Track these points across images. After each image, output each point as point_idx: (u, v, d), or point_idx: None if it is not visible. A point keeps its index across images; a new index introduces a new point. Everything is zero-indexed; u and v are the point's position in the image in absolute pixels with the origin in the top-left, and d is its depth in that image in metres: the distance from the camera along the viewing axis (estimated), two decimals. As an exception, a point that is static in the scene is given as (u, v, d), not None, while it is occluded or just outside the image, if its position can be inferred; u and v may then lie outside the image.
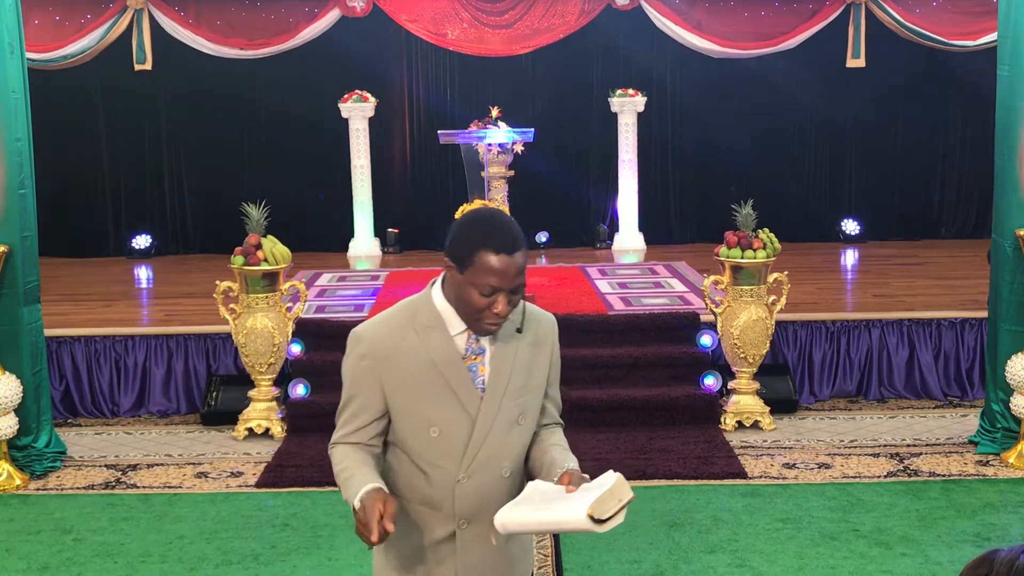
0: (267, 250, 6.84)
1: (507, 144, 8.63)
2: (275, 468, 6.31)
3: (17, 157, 6.17)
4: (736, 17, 10.64)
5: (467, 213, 2.63)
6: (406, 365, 2.58)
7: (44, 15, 10.25)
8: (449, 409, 2.57)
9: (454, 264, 2.51)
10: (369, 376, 2.60)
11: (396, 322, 2.62)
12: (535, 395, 2.68)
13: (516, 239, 2.49)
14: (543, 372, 2.70)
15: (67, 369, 7.47)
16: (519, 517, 2.43)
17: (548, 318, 2.75)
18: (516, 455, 2.65)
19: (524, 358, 2.64)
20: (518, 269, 2.48)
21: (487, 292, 2.47)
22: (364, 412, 2.63)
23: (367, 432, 2.65)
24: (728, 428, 6.88)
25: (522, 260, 2.49)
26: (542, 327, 2.71)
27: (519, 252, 2.48)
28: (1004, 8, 6.29)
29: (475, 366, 2.60)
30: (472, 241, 2.49)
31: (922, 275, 9.25)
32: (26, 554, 5.21)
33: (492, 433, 2.59)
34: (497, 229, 2.50)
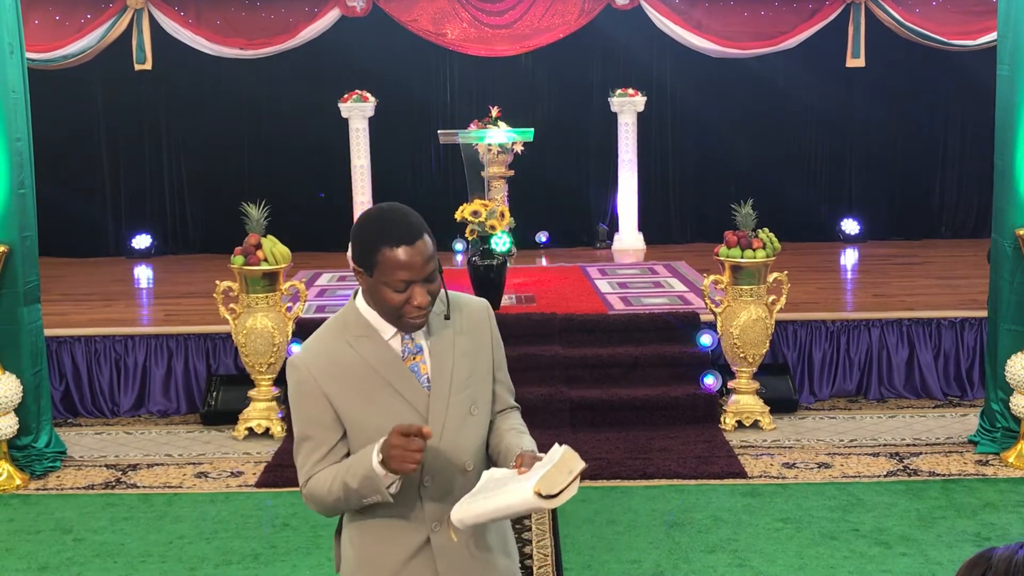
0: (267, 250, 6.84)
1: (507, 144, 8.63)
2: (275, 468, 6.32)
3: (17, 157, 6.17)
4: (736, 17, 10.64)
5: (361, 215, 2.55)
6: (347, 378, 2.53)
7: (44, 15, 10.25)
8: (398, 413, 2.51)
9: (362, 269, 2.47)
10: (314, 398, 2.52)
11: (328, 339, 2.58)
12: (483, 383, 2.63)
13: (413, 228, 2.44)
14: (487, 358, 2.65)
15: (67, 369, 7.47)
16: (472, 509, 2.39)
17: (479, 302, 2.70)
18: (475, 447, 2.60)
19: (463, 347, 2.60)
20: (425, 257, 2.42)
21: (400, 288, 2.44)
22: (325, 439, 2.54)
23: (335, 455, 2.55)
24: (728, 428, 6.88)
25: (426, 248, 2.43)
26: (474, 312, 2.66)
27: (420, 240, 2.43)
28: (1004, 8, 6.29)
29: (416, 365, 2.56)
30: (371, 242, 2.44)
31: (922, 275, 9.25)
32: (26, 554, 5.21)
33: (446, 429, 2.54)
34: (392, 223, 2.45)
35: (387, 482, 2.42)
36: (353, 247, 2.50)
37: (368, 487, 2.44)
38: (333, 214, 10.81)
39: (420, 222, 2.48)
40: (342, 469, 2.50)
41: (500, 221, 7.55)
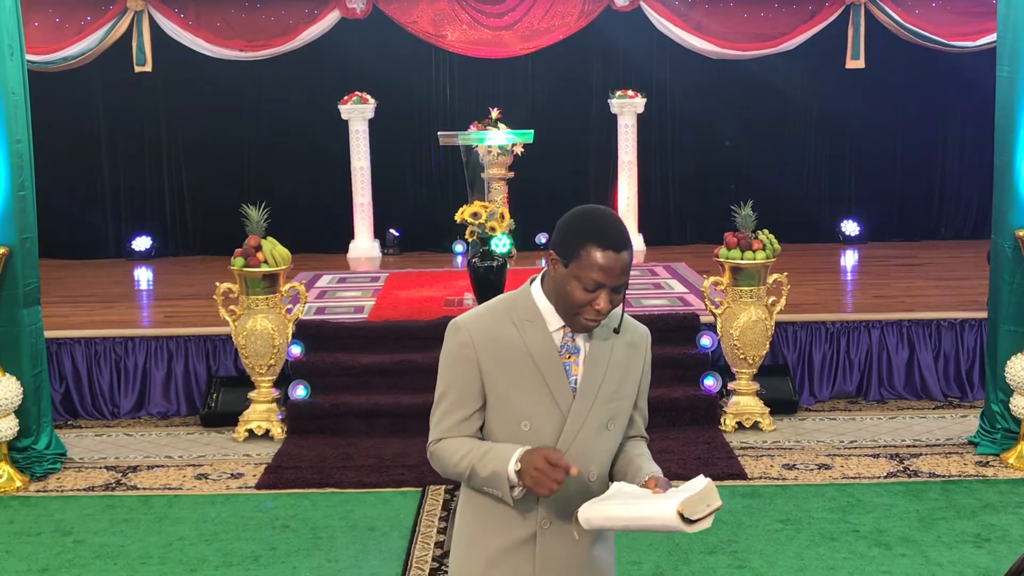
0: (267, 251, 6.84)
1: (507, 145, 8.63)
2: (275, 470, 6.31)
3: (17, 159, 6.17)
4: (736, 18, 10.65)
5: (577, 208, 2.60)
6: (504, 354, 2.56)
7: (44, 17, 10.25)
8: (542, 404, 2.55)
9: (559, 257, 2.51)
10: (468, 363, 2.57)
11: (495, 313, 2.62)
12: (626, 401, 2.67)
13: (624, 237, 2.49)
14: (635, 379, 2.69)
15: (67, 371, 7.47)
16: (605, 511, 2.41)
17: (644, 329, 2.73)
18: (603, 460, 2.64)
19: (618, 363, 2.63)
20: (623, 267, 2.47)
21: (590, 287, 2.46)
22: (463, 404, 2.59)
23: (470, 425, 2.59)
24: (728, 429, 6.88)
25: (628, 259, 2.48)
26: (639, 335, 2.70)
27: (626, 251, 2.48)
28: (1003, 8, 6.30)
29: (568, 365, 2.58)
30: (580, 235, 2.49)
31: (922, 276, 9.25)
32: (26, 556, 5.21)
33: (582, 434, 2.57)
34: (606, 226, 2.50)
35: (514, 491, 2.47)
36: (560, 234, 2.55)
37: (494, 483, 2.50)
38: (333, 216, 10.82)
39: (628, 236, 2.53)
40: (478, 452, 2.53)
41: (500, 222, 7.56)
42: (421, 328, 7.45)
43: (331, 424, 6.83)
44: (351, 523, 5.55)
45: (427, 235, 10.95)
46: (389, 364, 7.17)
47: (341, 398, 6.95)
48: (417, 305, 8.16)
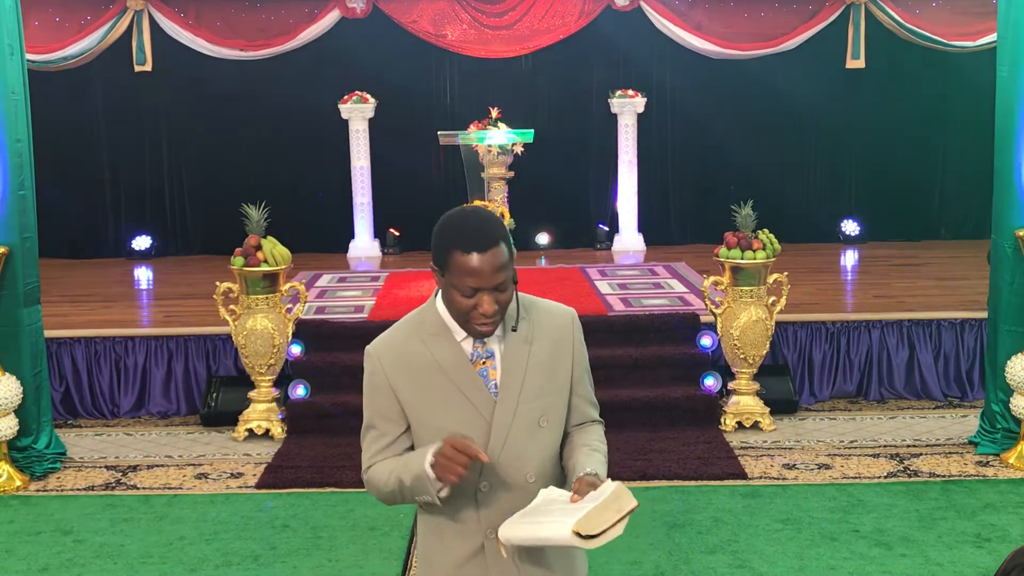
0: (267, 251, 6.84)
1: (507, 145, 8.63)
2: (275, 469, 6.32)
3: (17, 158, 6.17)
4: (736, 18, 10.64)
5: (444, 215, 2.54)
6: (415, 374, 2.54)
7: (44, 16, 10.24)
8: (463, 415, 2.51)
9: (436, 268, 2.49)
10: (382, 390, 2.56)
11: (402, 333, 2.60)
12: (558, 395, 2.60)
13: (488, 236, 2.40)
14: (566, 370, 2.61)
15: (67, 370, 7.47)
16: (517, 531, 2.39)
17: (565, 313, 2.64)
18: (541, 459, 2.58)
19: (539, 357, 2.56)
20: (493, 267, 2.40)
21: (468, 293, 2.42)
22: (386, 431, 2.58)
23: (396, 448, 2.59)
24: (728, 429, 6.88)
25: (498, 258, 2.40)
26: (557, 322, 2.61)
27: (492, 249, 2.40)
28: (1004, 8, 6.30)
29: (485, 370, 2.54)
30: (446, 243, 2.45)
31: (922, 276, 9.25)
32: (26, 555, 5.21)
33: (511, 437, 2.52)
34: (468, 228, 2.43)
35: (437, 486, 2.44)
36: (432, 244, 2.51)
37: (419, 487, 2.48)
38: (333, 215, 10.81)
39: (497, 230, 2.43)
40: (400, 464, 2.53)
41: (500, 222, 7.55)
42: (421, 328, 7.44)
43: (331, 424, 6.83)
44: (351, 522, 5.55)
45: (427, 234, 10.70)
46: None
47: (341, 397, 6.95)
48: (417, 304, 8.11)
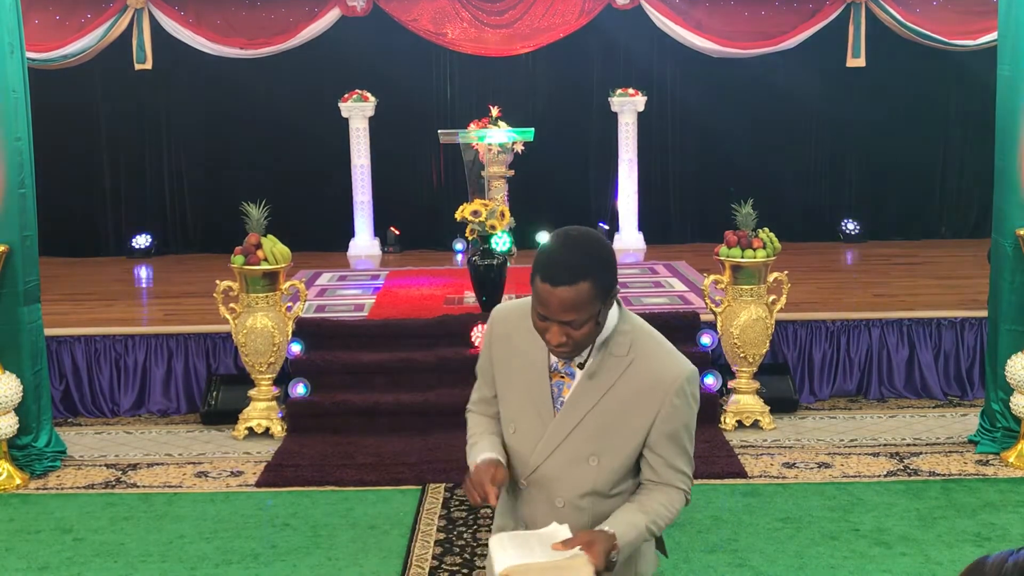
0: (267, 249, 6.84)
1: (507, 144, 8.63)
2: (275, 467, 6.31)
3: (17, 157, 6.17)
4: (736, 17, 10.64)
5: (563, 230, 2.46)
6: (511, 353, 2.60)
7: (44, 14, 10.24)
8: (526, 413, 2.55)
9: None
10: (486, 351, 2.70)
11: (523, 311, 2.56)
12: (621, 446, 2.50)
13: (569, 272, 2.32)
14: (641, 427, 2.49)
15: (67, 368, 7.47)
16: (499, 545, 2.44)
17: (671, 372, 2.50)
18: (577, 491, 2.52)
19: (613, 403, 2.48)
20: (563, 304, 2.32)
21: (540, 318, 2.40)
22: (483, 387, 2.74)
23: (488, 407, 2.72)
24: (728, 427, 6.88)
25: (570, 297, 2.31)
26: (656, 377, 2.49)
27: (564, 287, 2.31)
28: (1004, 8, 6.29)
29: (560, 384, 2.53)
30: (536, 261, 2.41)
31: (922, 275, 9.25)
32: (26, 554, 5.21)
33: (554, 457, 2.51)
34: (553, 255, 2.36)
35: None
36: None
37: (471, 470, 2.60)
38: (333, 214, 10.81)
39: (586, 267, 2.34)
40: (472, 441, 2.70)
41: (500, 221, 7.55)
42: (421, 326, 7.45)
43: (331, 422, 6.83)
44: (351, 521, 5.54)
45: (427, 233, 10.94)
46: (389, 362, 7.17)
47: (341, 396, 6.95)
48: (417, 303, 8.16)
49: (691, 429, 2.53)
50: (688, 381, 2.51)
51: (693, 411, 2.53)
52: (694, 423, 2.54)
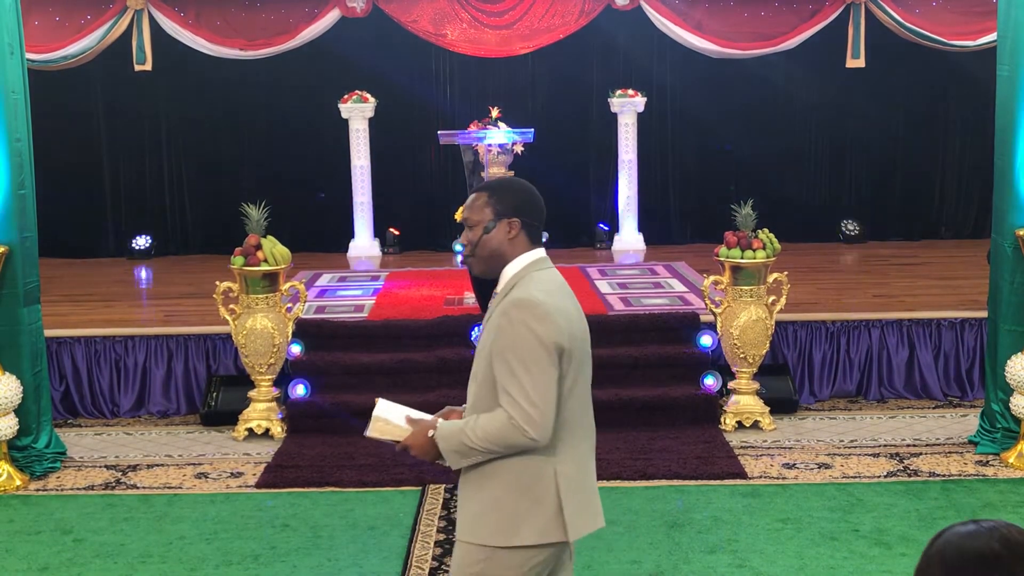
0: (267, 250, 6.84)
1: (507, 144, 8.62)
2: (275, 468, 6.31)
3: (17, 157, 6.17)
4: (736, 17, 10.64)
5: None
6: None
7: (44, 16, 10.25)
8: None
9: None
10: None
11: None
12: (485, 361, 2.87)
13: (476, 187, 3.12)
14: (489, 343, 2.88)
15: (67, 370, 7.47)
16: (378, 407, 3.26)
17: (514, 298, 2.87)
18: (473, 410, 2.91)
19: (489, 324, 2.93)
20: (465, 206, 3.02)
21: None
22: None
23: None
24: (728, 428, 6.87)
25: (469, 200, 3.00)
26: (507, 302, 2.88)
27: (471, 195, 3.02)
28: (1004, 8, 6.29)
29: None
30: None
31: (922, 275, 9.25)
32: (26, 555, 5.21)
33: (471, 379, 2.96)
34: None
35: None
36: None
37: None
38: (333, 215, 10.81)
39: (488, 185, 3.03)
40: None
41: (500, 222, 7.55)
42: (421, 327, 7.45)
43: (331, 423, 6.83)
44: (351, 522, 5.54)
45: (427, 234, 10.94)
46: (389, 363, 7.16)
47: (341, 397, 6.95)
48: (417, 304, 8.16)
49: (522, 356, 2.76)
50: (515, 304, 2.82)
51: (521, 336, 2.78)
52: (528, 353, 2.76)
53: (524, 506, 2.82)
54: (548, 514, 2.82)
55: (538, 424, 2.74)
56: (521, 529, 2.81)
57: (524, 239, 2.98)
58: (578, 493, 2.87)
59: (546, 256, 3.03)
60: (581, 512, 2.88)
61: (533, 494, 2.81)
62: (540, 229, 3.04)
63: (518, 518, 2.81)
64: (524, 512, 2.82)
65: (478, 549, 2.85)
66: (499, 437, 2.76)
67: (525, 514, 2.82)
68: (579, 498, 2.88)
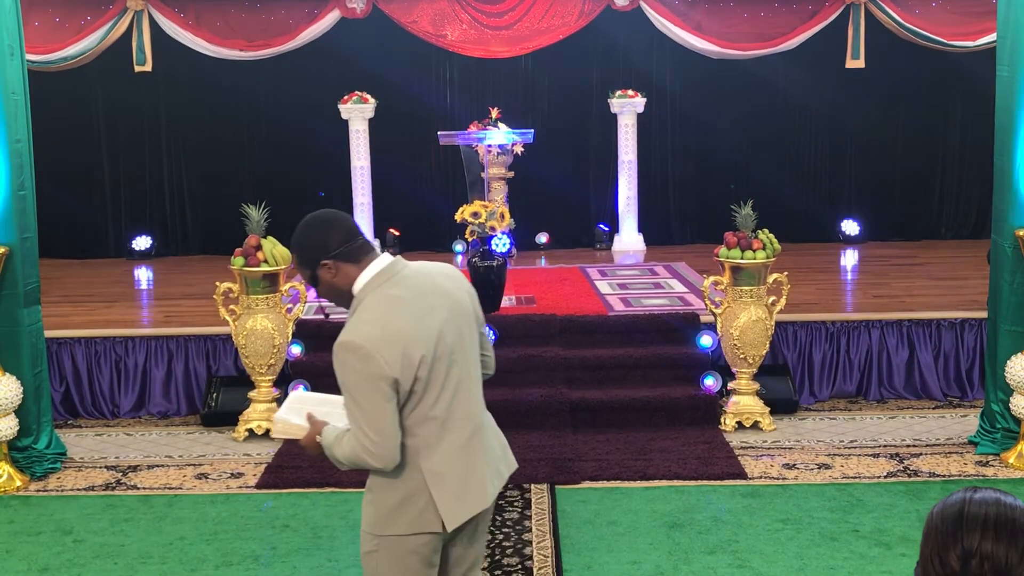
0: (267, 251, 6.84)
1: (507, 145, 8.65)
2: (275, 469, 6.32)
3: (17, 158, 6.17)
4: (735, 18, 10.65)
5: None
6: None
7: (44, 17, 10.25)
8: None
9: None
10: None
11: None
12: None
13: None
14: None
15: (67, 370, 7.48)
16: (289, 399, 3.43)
17: (340, 340, 2.97)
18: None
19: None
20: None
21: None
22: None
23: None
24: (728, 429, 6.88)
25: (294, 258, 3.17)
26: (336, 342, 3.00)
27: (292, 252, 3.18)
28: (1003, 9, 6.30)
29: None
30: None
31: (922, 276, 9.25)
32: (26, 555, 5.21)
33: None
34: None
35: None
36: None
37: None
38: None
39: (291, 245, 3.15)
40: None
41: (500, 222, 7.56)
42: (421, 328, 7.44)
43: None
44: (351, 522, 5.54)
45: (427, 235, 10.94)
46: (389, 364, 7.15)
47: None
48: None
49: (354, 395, 2.94)
50: (340, 347, 2.96)
51: (349, 377, 2.94)
52: (358, 392, 2.93)
53: (395, 500, 3.04)
54: (419, 508, 3.03)
55: (378, 455, 2.95)
56: (396, 520, 3.05)
57: (348, 266, 3.04)
58: (451, 486, 3.04)
59: (383, 267, 3.05)
60: (455, 502, 3.05)
61: (404, 491, 3.03)
62: (354, 243, 3.06)
63: (394, 510, 3.05)
64: (397, 506, 3.04)
65: (369, 536, 3.11)
66: (354, 458, 2.99)
67: (397, 508, 3.05)
68: (452, 490, 3.04)
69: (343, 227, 3.07)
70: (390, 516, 3.06)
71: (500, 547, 5.18)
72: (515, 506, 5.68)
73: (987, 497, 1.80)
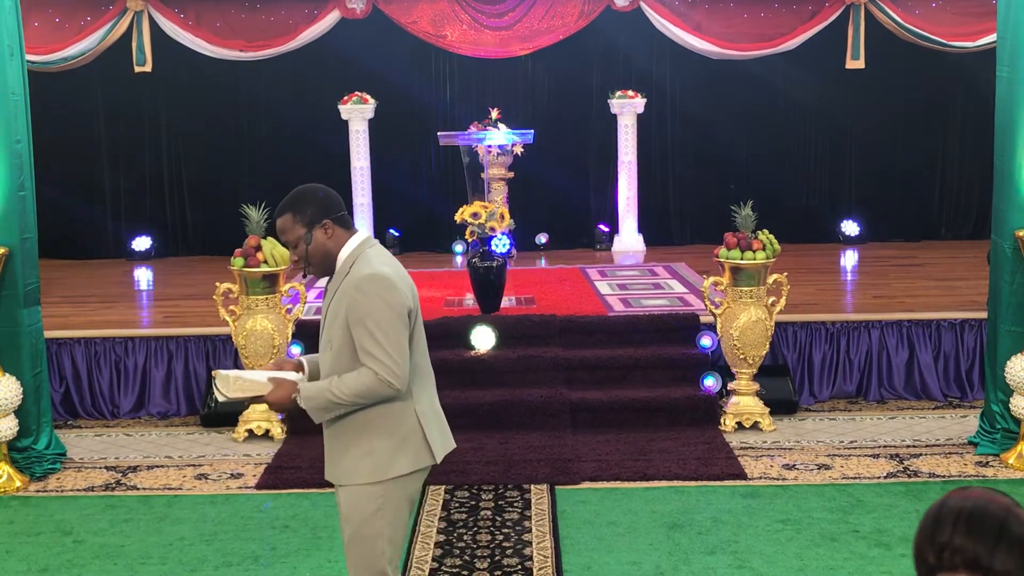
0: (267, 252, 6.84)
1: (507, 146, 8.65)
2: (275, 470, 6.32)
3: (17, 159, 6.17)
4: (735, 18, 10.65)
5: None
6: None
7: (44, 17, 10.24)
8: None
9: None
10: None
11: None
12: (341, 330, 3.31)
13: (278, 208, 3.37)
14: (344, 313, 3.30)
15: (67, 371, 7.47)
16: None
17: (361, 275, 3.28)
18: (328, 373, 3.36)
19: (338, 300, 3.33)
20: (278, 230, 3.38)
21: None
22: None
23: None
24: (728, 429, 6.88)
25: (278, 223, 3.37)
26: (353, 278, 3.30)
27: (278, 218, 3.37)
28: (1003, 9, 6.30)
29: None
30: None
31: (922, 276, 9.25)
32: (26, 556, 5.21)
33: (320, 349, 3.45)
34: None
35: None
36: None
37: None
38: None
39: (287, 202, 3.36)
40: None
41: (500, 223, 7.56)
42: (421, 328, 7.44)
43: (331, 424, 6.82)
44: (351, 523, 5.54)
45: (427, 235, 10.94)
46: (389, 364, 7.15)
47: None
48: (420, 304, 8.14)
49: (379, 322, 3.24)
50: (367, 279, 3.27)
51: (376, 305, 3.25)
52: (384, 319, 3.24)
53: (395, 444, 3.34)
54: (415, 446, 3.37)
55: (399, 376, 3.26)
56: (398, 460, 3.34)
57: (340, 230, 3.37)
58: (434, 424, 3.44)
59: (366, 238, 3.42)
60: (440, 438, 3.46)
61: (400, 433, 3.34)
62: (345, 213, 3.42)
63: (394, 452, 3.33)
64: (396, 448, 3.34)
65: (370, 487, 3.33)
66: (367, 391, 3.25)
67: (397, 449, 3.34)
68: (436, 428, 3.45)
69: (337, 197, 3.44)
70: (391, 458, 3.34)
71: (500, 547, 5.18)
72: (515, 506, 5.67)
73: (970, 494, 1.86)
